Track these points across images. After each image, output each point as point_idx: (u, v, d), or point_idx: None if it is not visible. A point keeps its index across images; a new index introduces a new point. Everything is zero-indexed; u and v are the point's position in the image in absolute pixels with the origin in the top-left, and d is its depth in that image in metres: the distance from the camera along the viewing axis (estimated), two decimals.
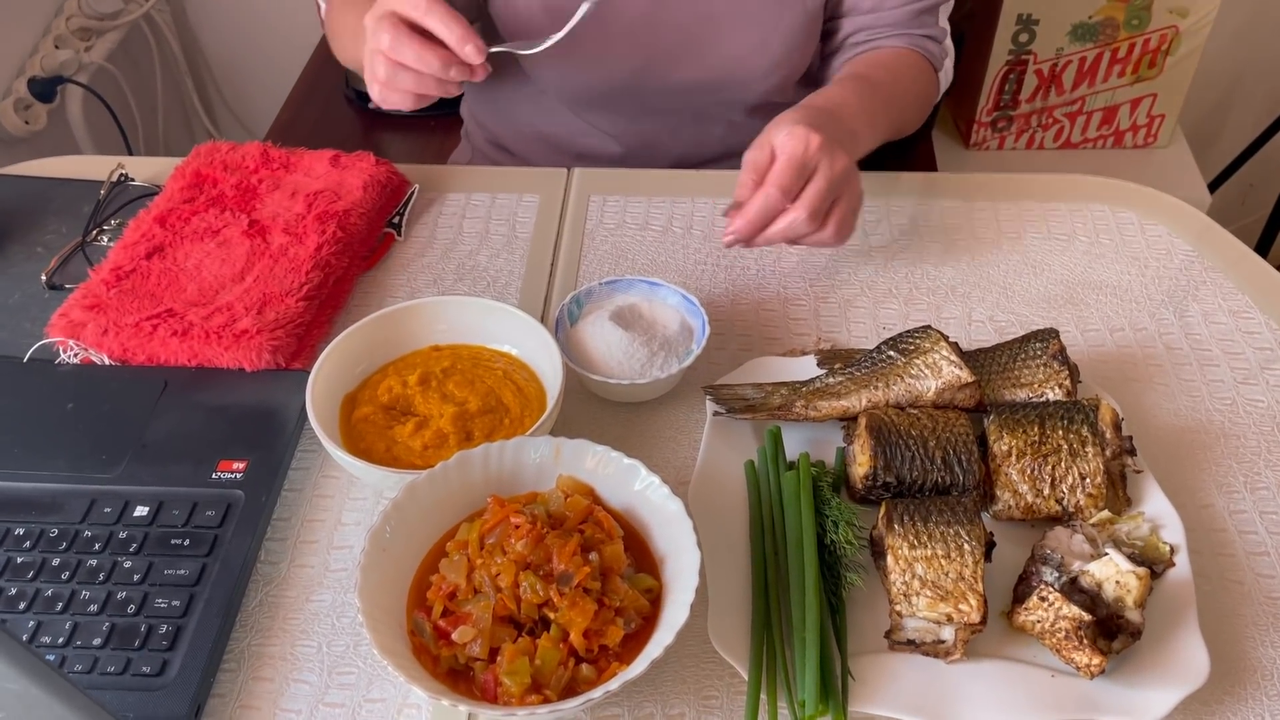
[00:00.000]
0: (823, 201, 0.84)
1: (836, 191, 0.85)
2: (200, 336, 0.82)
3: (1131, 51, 1.63)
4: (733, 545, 0.71)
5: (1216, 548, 0.73)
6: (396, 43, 0.83)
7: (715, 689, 0.66)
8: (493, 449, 0.69)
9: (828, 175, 0.83)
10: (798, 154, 0.83)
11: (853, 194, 0.86)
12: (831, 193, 0.84)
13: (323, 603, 0.70)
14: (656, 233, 1.00)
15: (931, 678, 0.64)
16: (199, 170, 0.98)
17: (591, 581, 0.63)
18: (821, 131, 0.84)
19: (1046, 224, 0.99)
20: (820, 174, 0.83)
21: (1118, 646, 0.63)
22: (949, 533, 0.66)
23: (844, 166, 0.84)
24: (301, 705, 0.65)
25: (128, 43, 1.94)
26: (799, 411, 0.78)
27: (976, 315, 0.90)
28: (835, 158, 0.84)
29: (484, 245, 0.98)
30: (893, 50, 1.05)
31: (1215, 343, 0.87)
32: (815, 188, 0.83)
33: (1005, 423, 0.73)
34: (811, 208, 0.83)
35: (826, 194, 0.84)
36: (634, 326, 0.83)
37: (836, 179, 0.84)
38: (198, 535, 0.71)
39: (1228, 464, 0.78)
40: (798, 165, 0.83)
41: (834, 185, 0.84)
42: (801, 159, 0.83)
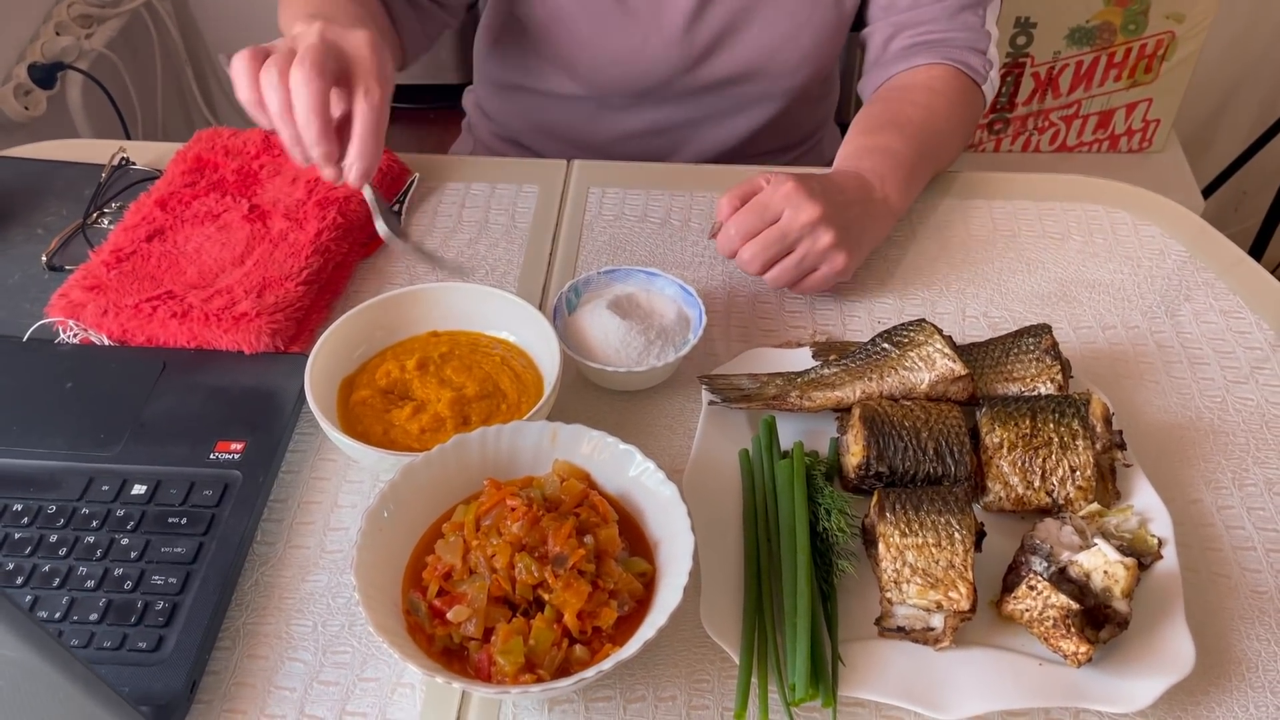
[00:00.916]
0: (767, 249, 0.85)
1: (791, 245, 0.86)
2: (200, 318, 0.83)
3: (1128, 56, 1.64)
4: (725, 532, 0.72)
5: (1204, 542, 0.73)
6: (306, 85, 0.71)
7: (707, 673, 0.66)
8: (489, 433, 0.70)
9: (783, 226, 0.85)
10: (762, 200, 0.86)
11: (817, 254, 0.86)
12: (782, 243, 0.85)
13: (318, 583, 0.71)
14: (655, 225, 1.00)
15: (921, 664, 0.65)
16: (200, 155, 0.99)
17: (586, 564, 0.63)
18: (804, 188, 0.85)
19: (1041, 223, 1.00)
20: (779, 223, 0.85)
21: (1105, 636, 0.64)
22: (940, 521, 0.66)
23: (807, 221, 0.84)
24: (296, 683, 0.65)
25: (128, 30, 1.95)
26: (793, 402, 0.79)
27: (971, 311, 0.91)
28: (801, 211, 0.84)
29: (483, 234, 0.99)
30: (928, 72, 1.03)
31: (1206, 342, 0.88)
32: (766, 234, 0.85)
33: (997, 415, 0.74)
34: (753, 251, 0.86)
35: (775, 242, 0.85)
36: (631, 315, 0.83)
37: (794, 231, 0.85)
38: (195, 514, 0.71)
39: (1217, 460, 0.79)
40: (758, 209, 0.86)
41: (788, 236, 0.85)
42: (764, 203, 0.86)
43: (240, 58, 0.75)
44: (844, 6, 1.07)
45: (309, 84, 0.72)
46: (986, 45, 1.05)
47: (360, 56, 0.76)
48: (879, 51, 1.07)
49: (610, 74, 1.09)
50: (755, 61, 1.09)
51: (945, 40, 1.04)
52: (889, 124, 0.99)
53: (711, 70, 1.09)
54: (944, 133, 1.00)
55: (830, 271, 0.88)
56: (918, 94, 1.02)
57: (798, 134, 1.23)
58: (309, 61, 0.72)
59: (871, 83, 1.07)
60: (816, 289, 0.90)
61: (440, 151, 1.32)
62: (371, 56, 0.76)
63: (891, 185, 0.93)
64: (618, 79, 1.10)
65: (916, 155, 0.97)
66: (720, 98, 1.13)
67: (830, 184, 0.89)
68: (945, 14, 1.04)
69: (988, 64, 1.05)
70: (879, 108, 1.02)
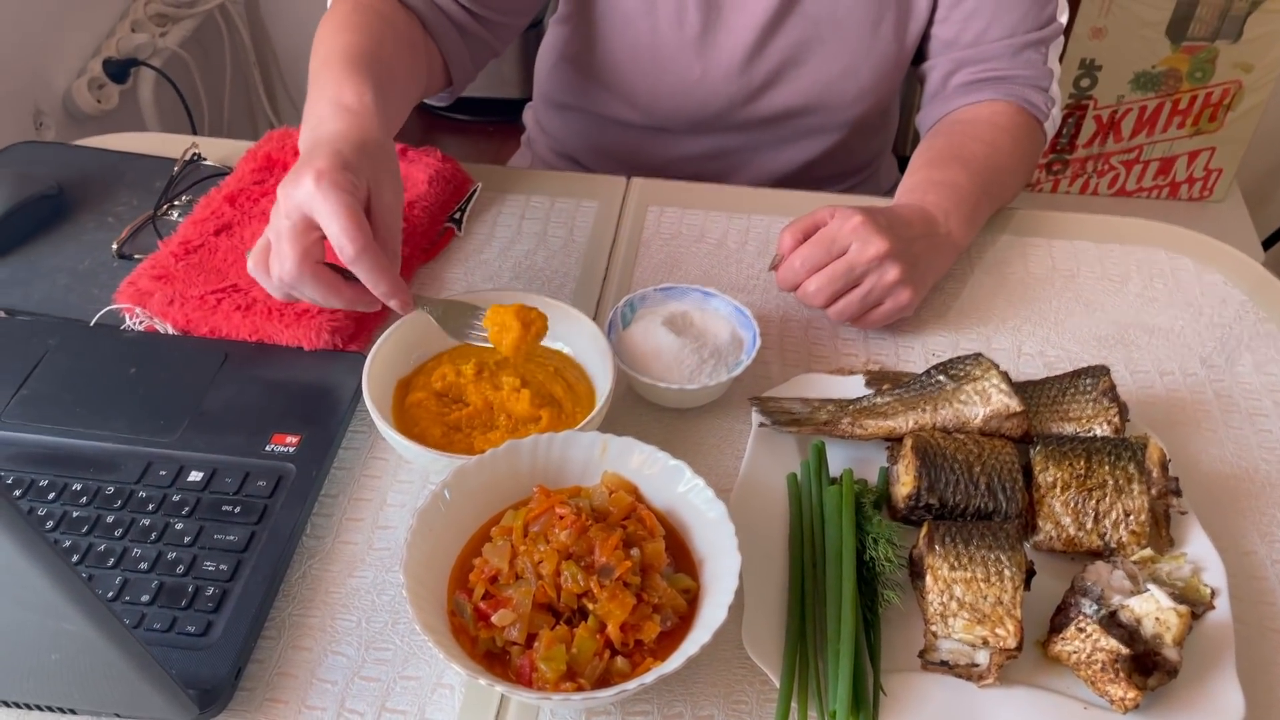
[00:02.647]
0: (834, 282, 0.86)
1: (857, 279, 0.86)
2: (262, 313, 0.84)
3: (1193, 104, 1.63)
4: (770, 555, 0.72)
5: (1257, 595, 0.72)
6: (298, 278, 0.70)
7: (745, 695, 0.66)
8: (541, 440, 0.71)
9: (851, 260, 0.85)
10: (829, 233, 0.86)
11: (883, 288, 0.86)
12: (849, 276, 0.86)
13: (364, 579, 0.72)
14: (711, 245, 1.01)
15: (962, 699, 0.64)
16: (270, 154, 1.01)
17: (632, 576, 0.63)
18: (872, 223, 0.85)
19: (1101, 264, 0.99)
20: (846, 256, 0.85)
21: (1153, 683, 0.63)
22: (990, 557, 0.66)
23: (875, 256, 0.84)
24: (338, 676, 0.66)
25: (201, 31, 1.99)
26: (845, 429, 0.78)
27: (1026, 349, 0.91)
28: (870, 245, 0.85)
29: (541, 246, 1.00)
30: (991, 107, 1.03)
31: (1266, 394, 0.86)
32: (833, 267, 0.86)
33: (1051, 454, 0.73)
34: (819, 284, 0.86)
35: (841, 276, 0.85)
36: (685, 333, 0.84)
37: (861, 265, 0.85)
38: (248, 504, 0.72)
39: (1272, 514, 0.77)
40: (825, 242, 0.86)
41: (855, 270, 0.85)
42: (831, 236, 0.86)
43: (254, 266, 0.74)
44: (905, 42, 1.08)
45: (305, 281, 0.71)
46: (1049, 83, 1.05)
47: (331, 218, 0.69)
48: (939, 86, 1.07)
49: (669, 105, 1.10)
50: (813, 95, 1.09)
51: (1008, 77, 1.04)
52: (953, 158, 0.99)
53: (770, 103, 1.09)
54: (1006, 169, 1.00)
55: (895, 307, 0.88)
56: (981, 129, 1.02)
57: (854, 163, 1.23)
58: (293, 262, 0.70)
59: (931, 116, 1.08)
60: (880, 324, 0.89)
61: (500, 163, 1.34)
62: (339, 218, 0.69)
63: (956, 220, 0.93)
64: (676, 110, 1.10)
65: (980, 190, 0.96)
66: (778, 128, 1.13)
67: (896, 218, 0.89)
68: (1009, 51, 1.04)
69: (1050, 101, 1.05)
70: (942, 141, 1.02)
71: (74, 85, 1.71)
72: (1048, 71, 1.06)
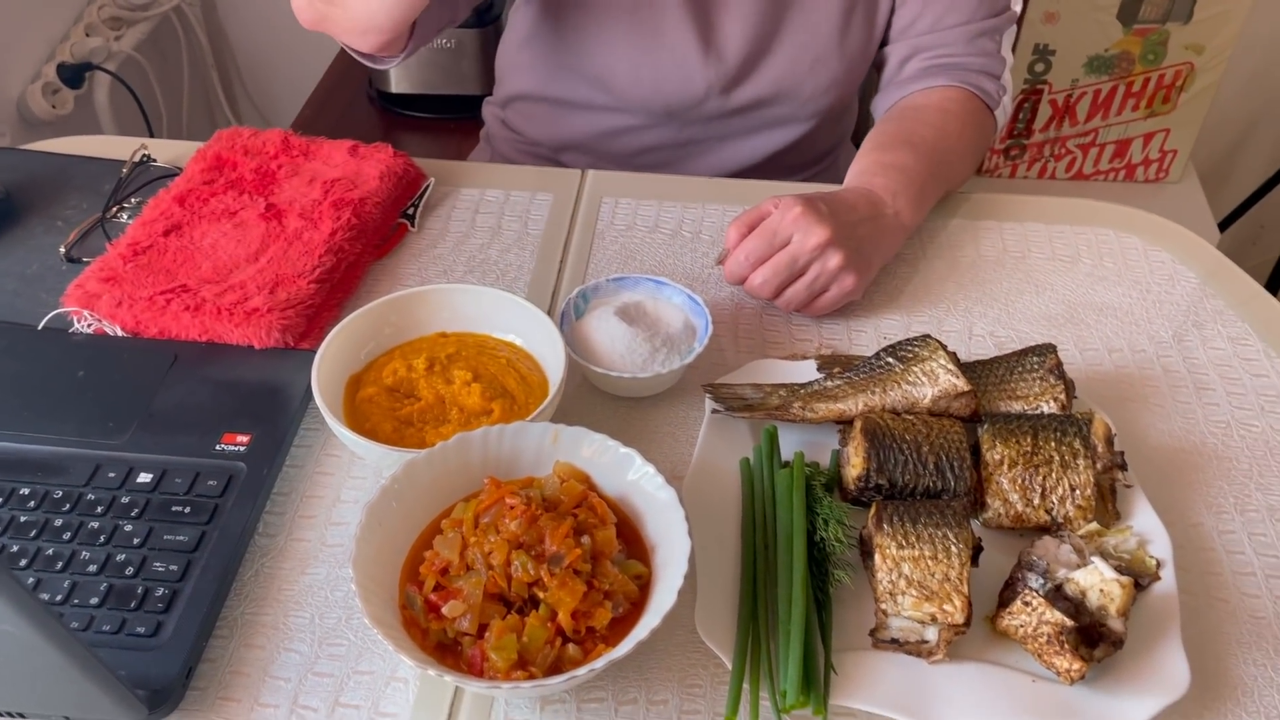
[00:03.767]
0: (778, 274, 0.87)
1: (801, 269, 0.87)
2: (212, 312, 0.84)
3: (1146, 86, 1.64)
4: (723, 539, 0.72)
5: (1203, 566, 0.73)
6: None
7: (699, 678, 0.66)
8: (492, 432, 0.71)
9: (793, 251, 0.86)
10: (770, 225, 0.87)
11: (827, 275, 0.87)
12: (792, 268, 0.87)
13: (317, 576, 0.71)
14: (666, 236, 1.01)
15: (913, 676, 0.65)
16: (220, 154, 1.00)
17: (582, 564, 0.64)
18: (813, 211, 0.86)
19: (1051, 245, 1.00)
20: (789, 248, 0.86)
21: (1099, 655, 0.64)
22: (937, 535, 0.66)
23: (817, 245, 0.86)
24: (290, 674, 0.66)
25: (157, 34, 1.98)
26: (796, 413, 0.79)
27: (977, 330, 0.91)
28: (811, 235, 0.86)
29: (495, 240, 1.00)
30: (942, 93, 1.04)
31: (1213, 368, 0.88)
32: (776, 259, 0.87)
33: (999, 432, 0.74)
34: (765, 277, 0.87)
35: (785, 268, 0.87)
36: (638, 322, 0.84)
37: (804, 255, 0.86)
38: (198, 504, 0.72)
39: (1219, 485, 0.78)
40: (767, 234, 0.87)
41: (798, 260, 0.86)
42: (773, 229, 0.87)
43: None
44: (875, 29, 1.08)
45: None
46: (1001, 71, 1.06)
47: None
48: (894, 71, 1.08)
49: (645, 90, 1.10)
50: (786, 83, 1.09)
51: (961, 64, 1.05)
52: (902, 142, 0.99)
53: (744, 92, 1.09)
54: (955, 152, 1.01)
55: (841, 293, 0.89)
56: (931, 114, 1.02)
57: (817, 152, 1.24)
58: None
59: (885, 102, 1.08)
60: (828, 310, 0.90)
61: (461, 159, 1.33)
62: None
63: (903, 201, 0.94)
64: (651, 96, 1.10)
65: (928, 173, 0.97)
66: (748, 118, 1.13)
67: (840, 203, 0.90)
68: (963, 38, 1.05)
69: (1001, 89, 1.06)
70: (892, 126, 1.03)
71: (27, 91, 1.69)
72: (1000, 60, 1.07)
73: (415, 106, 1.77)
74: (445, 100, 1.74)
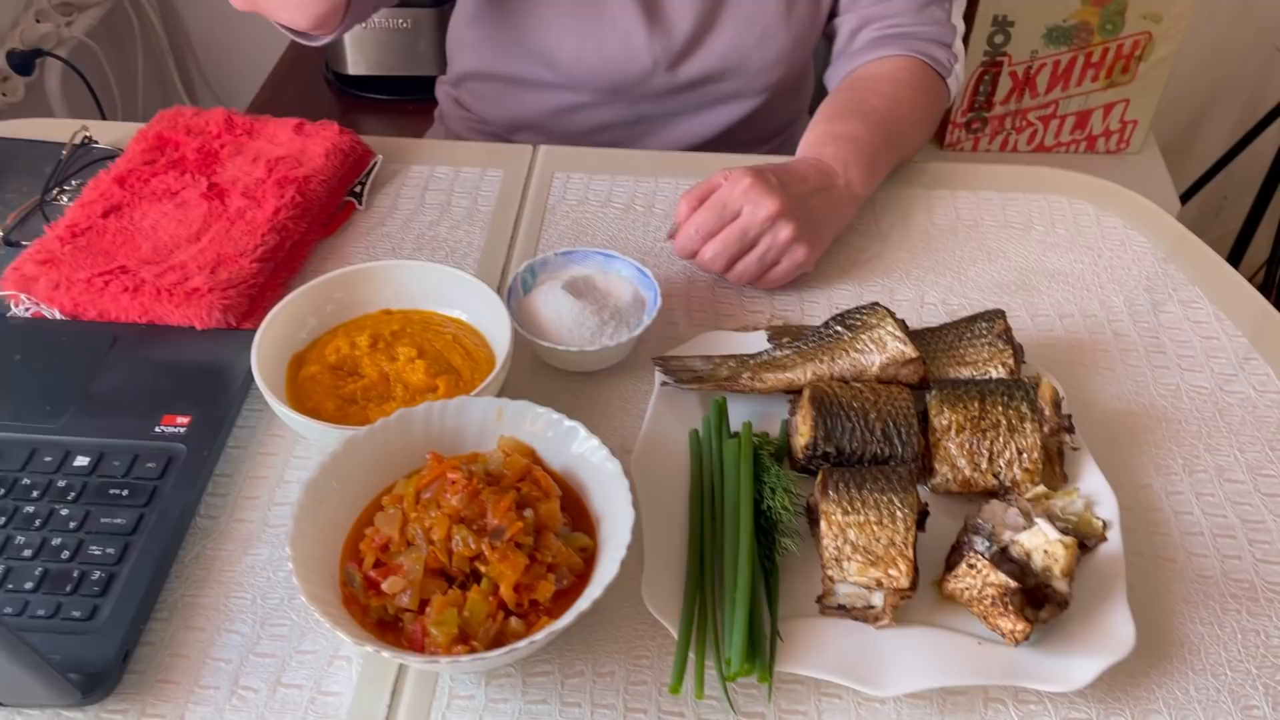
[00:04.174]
0: (728, 247, 0.86)
1: (752, 241, 0.86)
2: (151, 293, 0.82)
3: (1105, 56, 1.64)
4: (671, 511, 0.72)
5: (1151, 527, 0.73)
6: None
7: (647, 649, 0.66)
8: (435, 408, 0.70)
9: (743, 223, 0.86)
10: (720, 197, 0.86)
11: (778, 248, 0.87)
12: (743, 240, 0.86)
13: (259, 557, 0.70)
14: (618, 210, 1.00)
15: (860, 642, 0.64)
16: (161, 133, 0.98)
17: (524, 537, 0.63)
18: (762, 183, 0.85)
19: (1004, 213, 1.00)
20: (738, 220, 0.86)
21: (1045, 616, 0.63)
22: (882, 500, 0.66)
23: (767, 217, 0.85)
24: (231, 655, 0.65)
25: (110, 19, 1.94)
26: (745, 383, 0.78)
27: (930, 298, 0.91)
28: (760, 207, 0.85)
29: (445, 217, 0.98)
30: (894, 63, 1.04)
31: (1163, 331, 0.88)
32: (726, 233, 0.86)
33: (946, 398, 0.73)
34: (715, 251, 0.86)
35: (735, 240, 0.86)
36: (586, 296, 0.83)
37: (754, 227, 0.86)
38: (137, 486, 0.71)
39: (1168, 447, 0.79)
40: (717, 207, 0.86)
41: (748, 233, 0.86)
42: (723, 201, 0.86)
43: None
44: (821, 2, 1.07)
45: None
46: (952, 39, 1.06)
47: None
48: (845, 42, 1.08)
49: (591, 66, 1.09)
50: (733, 59, 1.08)
51: (911, 33, 1.04)
52: (853, 112, 0.99)
53: (690, 68, 1.09)
54: (907, 122, 1.00)
55: (792, 264, 0.88)
56: (882, 84, 1.02)
57: (772, 127, 1.23)
58: None
59: (837, 73, 1.08)
60: (780, 282, 0.90)
61: None
62: None
63: (855, 171, 0.93)
64: (597, 71, 1.09)
65: (880, 142, 0.97)
66: (697, 94, 1.12)
67: (790, 174, 0.89)
68: (912, 8, 1.04)
69: (953, 58, 1.05)
70: (843, 96, 1.02)
71: None
72: (951, 28, 1.06)
73: (372, 88, 1.75)
74: (402, 82, 1.72)
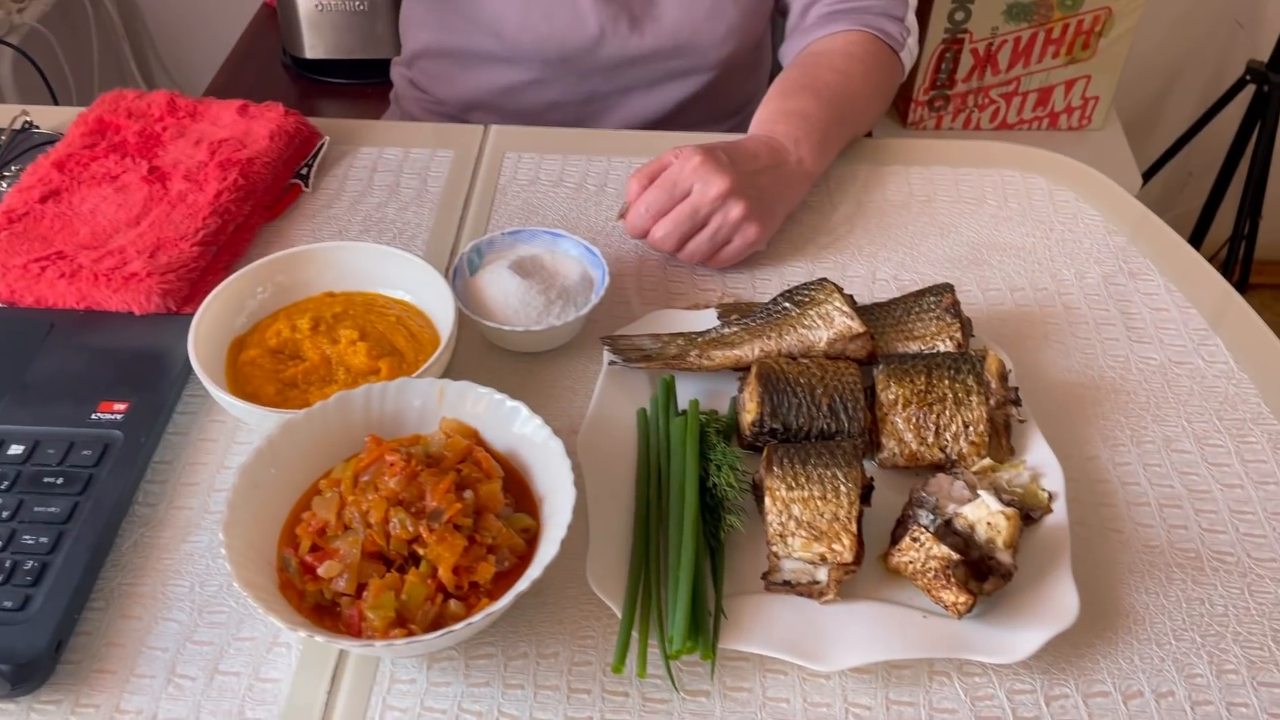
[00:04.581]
0: (679, 226, 0.85)
1: (703, 220, 0.85)
2: (89, 279, 0.81)
3: (1065, 32, 1.64)
4: (618, 491, 0.71)
5: (1099, 498, 0.73)
6: None
7: (592, 629, 0.65)
8: (374, 390, 0.69)
9: (694, 202, 0.85)
10: (670, 176, 0.85)
11: (729, 226, 0.86)
12: (693, 219, 0.85)
13: (198, 544, 0.69)
14: (570, 189, 0.99)
15: (805, 618, 0.64)
16: (102, 117, 0.97)
17: (463, 518, 0.62)
18: (712, 161, 0.84)
19: (957, 188, 1.00)
20: (689, 199, 0.85)
21: (989, 588, 0.63)
22: (826, 475, 0.66)
23: (717, 195, 0.84)
24: (168, 643, 0.64)
25: (64, 4, 1.91)
26: (693, 361, 0.78)
27: (881, 274, 0.91)
28: (711, 185, 0.84)
29: (393, 198, 0.97)
30: (846, 38, 1.03)
31: (1113, 303, 0.88)
32: (676, 211, 0.85)
33: (893, 372, 0.73)
34: (666, 230, 0.85)
35: (686, 219, 0.85)
36: (533, 276, 0.82)
37: (705, 206, 0.85)
38: (72, 474, 0.69)
39: (1116, 419, 0.79)
40: (667, 185, 0.85)
41: (699, 211, 0.85)
42: (673, 179, 0.85)
43: None
44: None
45: None
46: (904, 13, 1.05)
47: None
48: (798, 19, 1.07)
49: (538, 33, 1.07)
50: (682, 34, 1.07)
51: (863, 8, 1.04)
52: (805, 88, 0.98)
53: (642, 40, 1.08)
54: (860, 96, 1.00)
55: (744, 243, 0.87)
56: (834, 59, 1.01)
57: (728, 106, 1.22)
58: None
59: (791, 49, 1.07)
60: (732, 261, 0.89)
61: None
62: None
63: (806, 148, 0.92)
64: (545, 39, 1.08)
65: (832, 118, 0.96)
66: (647, 69, 1.11)
67: (740, 152, 0.88)
68: None
69: (905, 31, 1.05)
70: (795, 73, 1.01)
71: None
72: (902, 2, 1.06)
73: (329, 72, 1.72)
74: (360, 65, 1.70)
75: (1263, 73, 1.80)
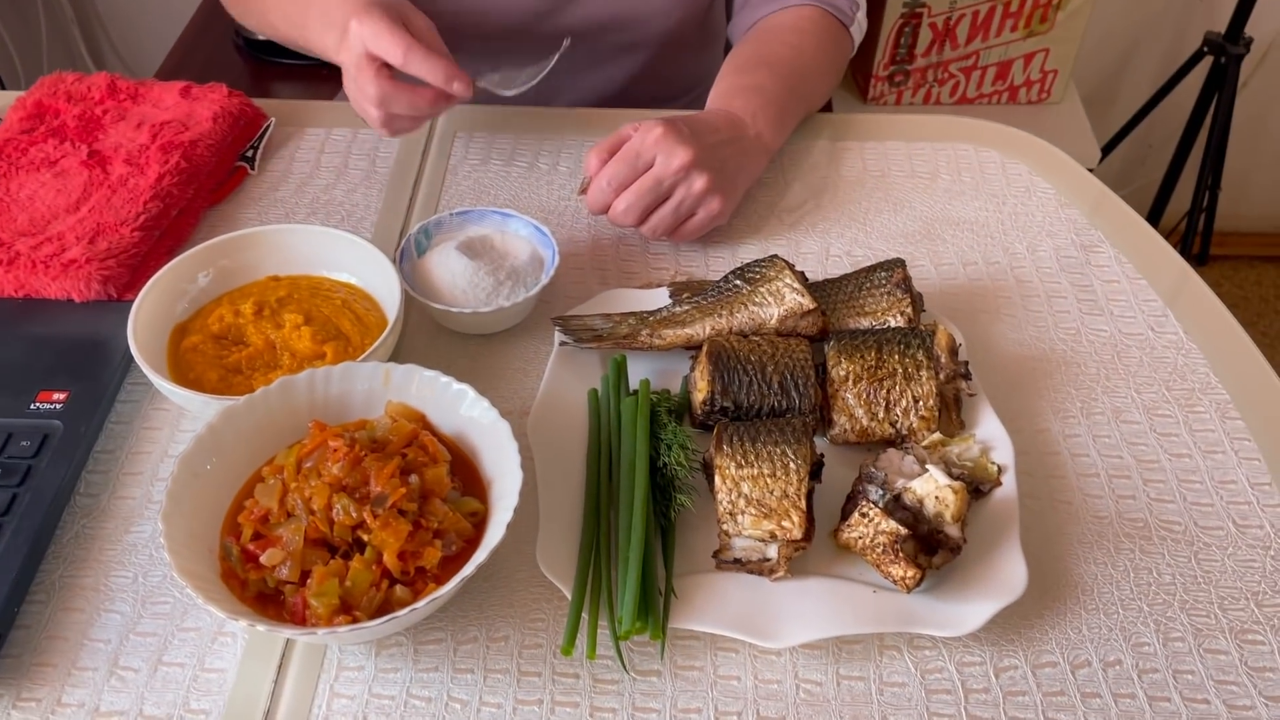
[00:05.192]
0: (642, 198, 0.84)
1: (666, 192, 0.84)
2: (27, 266, 0.79)
3: (1023, 5, 1.64)
4: (568, 473, 0.71)
5: (1049, 470, 0.73)
6: (384, 97, 0.82)
7: (542, 612, 0.65)
8: (318, 374, 0.68)
9: (657, 173, 0.83)
10: (633, 147, 0.84)
11: (693, 198, 0.85)
12: (656, 191, 0.84)
13: (141, 534, 0.68)
14: (522, 169, 0.98)
15: (756, 595, 0.64)
16: (41, 101, 0.94)
17: (408, 503, 0.61)
18: (675, 132, 0.83)
19: (911, 163, 0.99)
20: (652, 170, 0.84)
21: (938, 561, 0.63)
22: (775, 452, 0.65)
23: (681, 166, 0.83)
24: (111, 635, 0.63)
25: None
26: (644, 340, 0.77)
27: (835, 250, 0.90)
28: (674, 156, 0.83)
29: (341, 180, 0.96)
30: (796, 13, 1.02)
31: (1065, 275, 0.88)
32: (639, 183, 0.84)
33: (844, 348, 0.73)
34: (629, 202, 0.84)
35: (649, 191, 0.84)
36: (482, 256, 0.81)
37: (668, 177, 0.83)
38: (9, 465, 0.68)
39: (1067, 391, 0.79)
40: (629, 157, 0.84)
41: (662, 183, 0.84)
42: (635, 151, 0.84)
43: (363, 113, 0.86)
44: None
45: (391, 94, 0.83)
46: None
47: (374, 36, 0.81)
48: None
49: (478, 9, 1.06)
50: (622, 7, 1.06)
51: None
52: (759, 63, 0.97)
53: (580, 12, 1.06)
54: (813, 71, 0.99)
55: (707, 216, 0.86)
56: (786, 34, 1.00)
57: (679, 84, 1.21)
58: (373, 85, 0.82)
59: (740, 25, 1.06)
60: (695, 235, 0.88)
61: None
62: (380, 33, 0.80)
63: (764, 121, 0.92)
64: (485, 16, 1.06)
65: (787, 92, 0.95)
66: (590, 44, 1.10)
67: (701, 124, 0.88)
68: None
69: (854, 5, 1.04)
70: (749, 48, 1.01)
71: None
72: None
73: (283, 53, 1.69)
74: None
75: (1220, 44, 1.81)
